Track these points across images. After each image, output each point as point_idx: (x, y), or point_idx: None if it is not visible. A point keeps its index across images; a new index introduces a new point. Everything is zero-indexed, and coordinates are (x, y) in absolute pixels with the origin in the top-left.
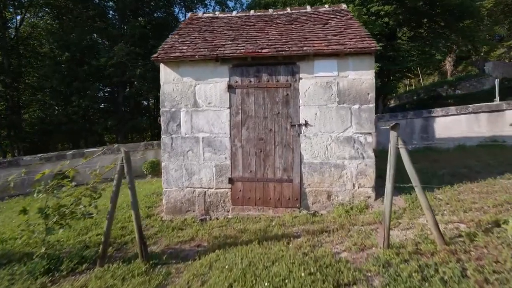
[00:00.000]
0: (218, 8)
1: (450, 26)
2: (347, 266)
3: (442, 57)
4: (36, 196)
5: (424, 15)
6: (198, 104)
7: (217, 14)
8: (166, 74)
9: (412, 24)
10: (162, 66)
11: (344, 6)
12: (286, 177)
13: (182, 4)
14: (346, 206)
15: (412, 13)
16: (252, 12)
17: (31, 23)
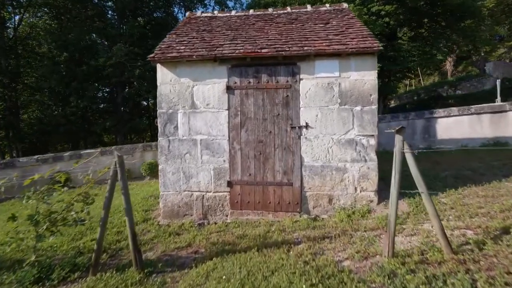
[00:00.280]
0: (217, 8)
1: (451, 26)
2: (351, 276)
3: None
4: (25, 202)
5: (425, 15)
6: (196, 105)
7: (215, 13)
8: (163, 74)
9: (412, 24)
10: (159, 67)
11: (345, 5)
12: (286, 180)
13: (181, 4)
14: (348, 211)
15: (412, 13)
16: (251, 11)
17: (30, 23)
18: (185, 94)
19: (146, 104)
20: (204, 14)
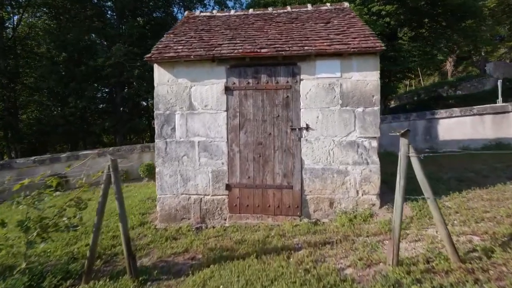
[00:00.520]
0: (217, 7)
1: (451, 26)
2: (354, 286)
3: (443, 57)
4: (15, 208)
5: (425, 15)
6: (193, 106)
7: (214, 13)
8: (160, 75)
9: (413, 24)
10: (156, 67)
11: (346, 4)
12: (286, 183)
13: (181, 4)
14: (350, 215)
15: (413, 13)
16: (251, 10)
17: (29, 23)
18: (182, 95)
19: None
20: (202, 14)
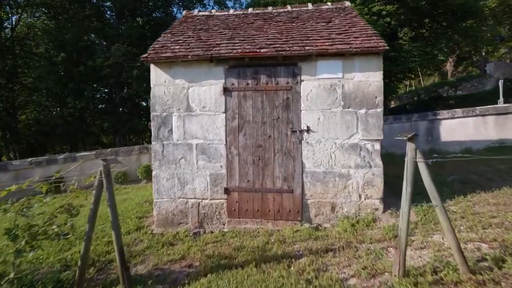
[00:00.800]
0: (217, 7)
1: (452, 26)
2: None
3: (444, 57)
4: (1, 215)
5: (426, 15)
6: (191, 108)
7: (213, 12)
8: (157, 75)
9: (413, 24)
10: (152, 67)
11: (347, 3)
12: (286, 187)
13: (180, 4)
14: (352, 219)
15: (414, 13)
16: (250, 10)
17: (28, 23)
18: (180, 96)
19: (145, 104)
20: (201, 13)
